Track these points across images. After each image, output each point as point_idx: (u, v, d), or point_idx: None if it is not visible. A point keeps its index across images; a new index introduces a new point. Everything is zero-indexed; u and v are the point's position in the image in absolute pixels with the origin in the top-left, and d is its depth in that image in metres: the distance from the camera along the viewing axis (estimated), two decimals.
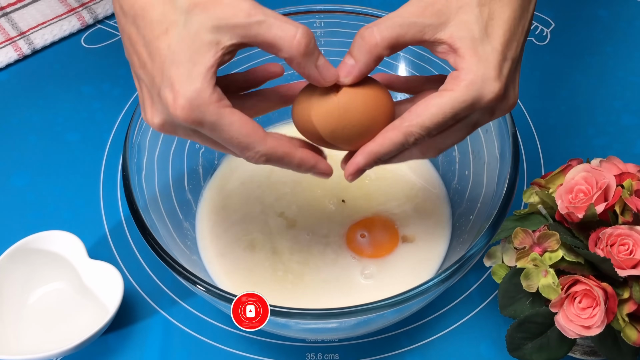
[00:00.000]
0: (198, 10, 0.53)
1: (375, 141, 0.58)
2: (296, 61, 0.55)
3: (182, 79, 0.53)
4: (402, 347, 0.76)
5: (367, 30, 0.56)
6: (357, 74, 0.57)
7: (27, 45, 0.99)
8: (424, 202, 0.81)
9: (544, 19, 1.02)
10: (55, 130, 0.92)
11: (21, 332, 0.74)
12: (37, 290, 0.77)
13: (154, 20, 0.54)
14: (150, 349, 0.76)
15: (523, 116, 0.92)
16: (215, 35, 0.53)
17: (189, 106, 0.53)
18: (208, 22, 0.53)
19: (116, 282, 0.74)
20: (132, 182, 0.70)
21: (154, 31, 0.54)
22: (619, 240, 0.63)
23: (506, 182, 0.68)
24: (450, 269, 0.63)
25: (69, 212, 0.85)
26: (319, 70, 0.56)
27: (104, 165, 0.89)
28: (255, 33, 0.54)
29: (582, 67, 0.97)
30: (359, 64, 0.57)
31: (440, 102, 0.55)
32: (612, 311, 0.62)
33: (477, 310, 0.78)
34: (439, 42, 0.56)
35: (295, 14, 0.80)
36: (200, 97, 0.53)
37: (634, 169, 0.68)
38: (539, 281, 0.64)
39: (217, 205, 0.81)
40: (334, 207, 0.80)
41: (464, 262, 0.63)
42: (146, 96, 0.57)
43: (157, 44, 0.54)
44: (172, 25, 0.54)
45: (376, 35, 0.56)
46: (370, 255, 0.77)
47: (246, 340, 0.76)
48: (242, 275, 0.76)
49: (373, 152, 0.58)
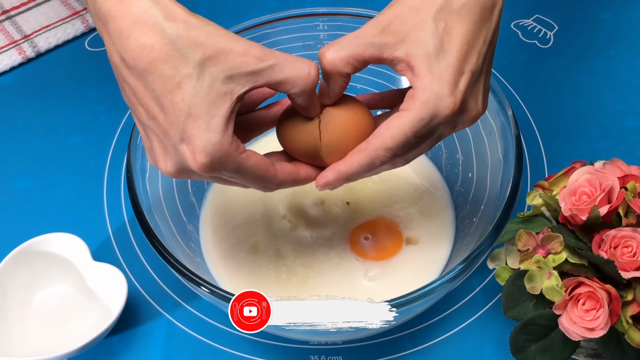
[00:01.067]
0: (210, 63, 0.53)
1: (345, 161, 0.60)
2: (304, 96, 0.57)
3: (200, 133, 0.54)
4: (406, 349, 0.76)
5: (326, 51, 0.58)
6: (332, 94, 0.60)
7: (31, 48, 0.99)
8: (428, 204, 0.81)
9: (548, 22, 1.02)
10: (59, 133, 0.92)
11: (25, 334, 0.74)
12: (41, 293, 0.77)
13: (165, 74, 0.53)
14: (154, 351, 0.76)
15: (527, 119, 0.92)
16: (229, 85, 0.54)
17: (210, 160, 0.55)
18: (221, 74, 0.53)
19: (120, 284, 0.74)
20: (136, 184, 0.70)
21: (166, 86, 0.54)
22: (623, 242, 0.63)
23: (509, 184, 0.68)
24: (454, 271, 0.63)
25: (72, 215, 0.85)
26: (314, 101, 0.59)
27: (108, 168, 0.89)
28: (268, 76, 0.55)
29: (585, 70, 0.97)
30: (329, 84, 0.59)
31: (399, 122, 0.57)
32: (615, 313, 0.62)
33: (481, 313, 0.78)
34: (397, 60, 0.57)
35: (299, 16, 0.80)
36: (221, 150, 0.54)
37: (637, 171, 0.68)
38: (543, 283, 0.64)
39: (220, 207, 0.81)
40: (338, 209, 0.80)
41: (467, 264, 0.63)
42: (157, 145, 0.57)
43: (170, 98, 0.54)
44: (185, 79, 0.53)
45: (333, 54, 0.57)
46: (374, 257, 0.77)
47: (249, 343, 0.76)
48: (246, 278, 0.76)
49: (341, 172, 0.60)
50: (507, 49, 1.00)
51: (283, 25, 0.81)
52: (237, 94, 0.54)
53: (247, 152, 0.57)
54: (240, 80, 0.54)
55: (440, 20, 0.57)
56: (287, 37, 0.82)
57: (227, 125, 0.54)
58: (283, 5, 0.86)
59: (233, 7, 1.04)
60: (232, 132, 0.55)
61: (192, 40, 0.53)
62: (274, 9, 0.81)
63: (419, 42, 0.56)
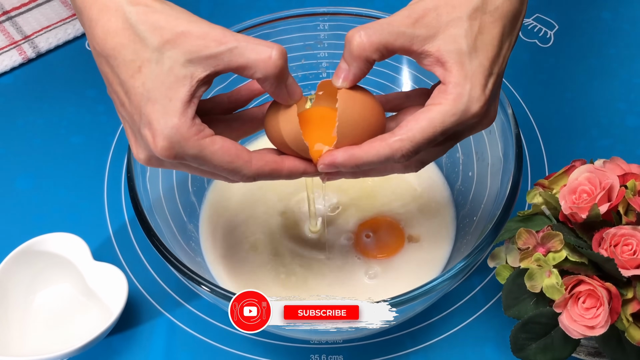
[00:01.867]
0: (169, 46, 0.53)
1: (361, 147, 0.57)
2: (270, 81, 0.55)
3: (158, 117, 0.53)
4: (406, 348, 0.76)
5: (356, 33, 0.56)
6: (352, 78, 0.58)
7: (32, 49, 0.99)
8: (428, 203, 0.81)
9: (548, 22, 1.02)
10: (59, 133, 0.92)
11: (26, 333, 0.74)
12: (41, 292, 0.77)
13: (126, 59, 0.54)
14: (155, 351, 0.76)
15: (527, 118, 0.92)
16: (188, 69, 0.53)
17: (169, 144, 0.54)
18: (180, 57, 0.53)
19: (121, 284, 0.74)
20: (137, 184, 0.70)
21: (128, 70, 0.54)
22: (623, 240, 0.63)
23: (509, 183, 0.68)
24: (454, 269, 0.63)
25: (73, 215, 0.85)
26: (287, 89, 0.57)
27: (108, 168, 0.89)
28: (228, 60, 0.54)
29: (585, 69, 0.97)
30: (352, 68, 0.57)
31: (429, 116, 0.55)
32: (616, 311, 0.62)
33: (481, 312, 0.78)
34: (426, 54, 0.56)
35: (299, 16, 0.80)
36: (179, 133, 0.54)
37: (637, 169, 0.68)
38: (543, 281, 0.64)
39: (220, 207, 0.81)
40: (339, 207, 0.80)
41: (468, 263, 0.63)
42: (129, 133, 0.58)
43: (132, 83, 0.54)
44: (145, 64, 0.53)
45: (364, 38, 0.56)
46: (377, 255, 0.77)
47: (250, 342, 0.76)
48: (246, 278, 0.76)
49: (355, 156, 0.57)
50: None
51: (283, 25, 0.81)
52: (198, 78, 0.54)
53: (213, 137, 0.55)
54: (201, 63, 0.54)
55: (475, 19, 0.56)
56: (288, 37, 0.82)
57: (187, 109, 0.54)
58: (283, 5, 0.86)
59: (233, 7, 1.04)
60: (191, 116, 0.54)
61: (152, 23, 0.53)
62: (274, 9, 0.81)
63: (452, 38, 0.56)
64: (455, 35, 0.56)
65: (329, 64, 0.85)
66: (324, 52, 0.84)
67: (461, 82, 0.55)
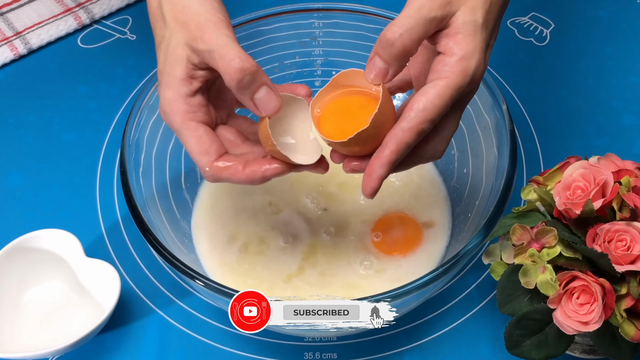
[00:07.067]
0: (178, 28, 0.60)
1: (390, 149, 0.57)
2: (233, 90, 0.59)
3: (162, 87, 0.61)
4: (401, 346, 0.75)
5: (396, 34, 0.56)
6: (391, 77, 0.59)
7: (23, 45, 0.98)
8: (424, 200, 0.81)
9: (544, 20, 1.02)
10: (51, 130, 0.92)
11: (17, 330, 0.74)
12: (33, 289, 0.77)
13: (156, 33, 0.63)
14: (147, 348, 0.75)
15: (523, 116, 0.92)
16: (186, 51, 0.60)
17: (163, 111, 0.62)
18: (183, 40, 0.60)
19: (113, 281, 0.73)
20: (130, 179, 0.69)
21: (156, 41, 0.63)
22: (617, 236, 0.62)
23: (504, 177, 0.68)
24: (447, 264, 0.63)
25: (65, 212, 0.85)
26: (255, 103, 0.60)
27: (101, 165, 0.89)
28: (208, 59, 0.59)
29: (581, 67, 0.97)
30: (392, 67, 0.58)
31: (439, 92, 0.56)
32: (610, 307, 0.61)
33: (476, 309, 0.77)
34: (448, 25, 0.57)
35: (293, 12, 0.80)
36: (170, 105, 0.61)
37: (631, 165, 0.68)
38: (537, 277, 0.64)
39: (213, 203, 0.81)
40: (332, 204, 0.80)
41: (460, 257, 0.63)
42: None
43: (157, 53, 0.63)
44: (162, 40, 0.62)
45: (405, 39, 0.56)
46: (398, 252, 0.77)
47: (243, 340, 0.76)
48: (239, 274, 0.76)
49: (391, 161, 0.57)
50: (504, 46, 0.99)
51: (278, 22, 0.81)
52: (192, 62, 0.60)
53: (198, 123, 0.60)
54: (194, 52, 0.60)
55: None
56: (283, 34, 0.82)
57: (181, 86, 0.60)
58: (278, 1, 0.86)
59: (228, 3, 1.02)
60: (186, 94, 0.60)
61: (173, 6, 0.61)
62: (268, 5, 0.81)
63: (471, 9, 0.57)
64: (474, 5, 0.57)
65: (323, 61, 0.85)
66: (318, 50, 0.84)
67: (469, 55, 0.56)
